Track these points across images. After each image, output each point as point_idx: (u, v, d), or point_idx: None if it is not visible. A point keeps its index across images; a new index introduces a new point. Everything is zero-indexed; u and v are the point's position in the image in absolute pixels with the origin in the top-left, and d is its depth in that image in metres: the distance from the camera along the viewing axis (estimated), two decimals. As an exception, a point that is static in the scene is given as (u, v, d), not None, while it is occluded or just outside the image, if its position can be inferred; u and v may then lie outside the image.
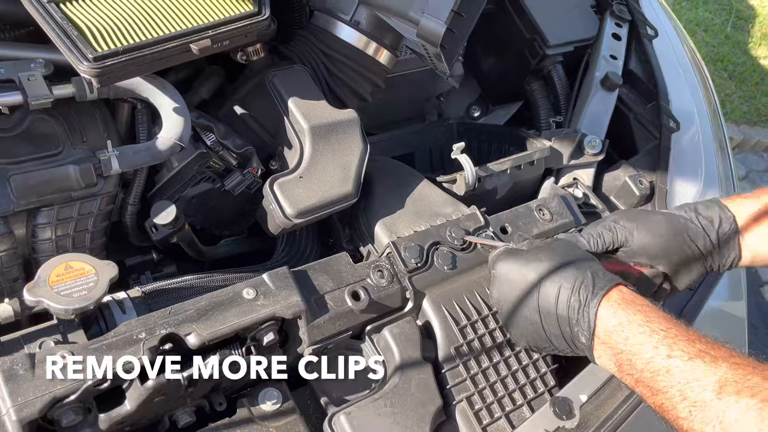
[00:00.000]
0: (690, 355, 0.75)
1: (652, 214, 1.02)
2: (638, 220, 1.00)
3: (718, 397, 0.70)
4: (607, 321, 0.83)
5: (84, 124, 0.96)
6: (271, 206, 0.99)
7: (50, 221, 0.92)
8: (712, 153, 1.45)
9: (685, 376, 0.74)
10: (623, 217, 1.02)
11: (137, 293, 0.93)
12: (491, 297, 0.98)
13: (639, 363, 0.79)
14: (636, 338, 0.80)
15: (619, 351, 0.81)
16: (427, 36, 1.01)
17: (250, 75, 1.13)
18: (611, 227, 1.01)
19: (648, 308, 0.83)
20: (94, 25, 0.89)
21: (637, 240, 0.99)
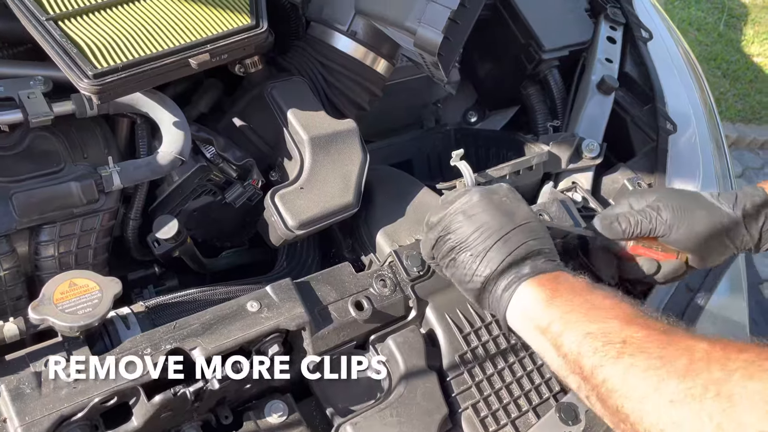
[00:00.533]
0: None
1: (696, 209, 0.99)
2: (681, 217, 0.98)
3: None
4: (521, 304, 0.84)
5: (84, 141, 0.96)
6: (272, 218, 1.00)
7: (53, 238, 0.92)
8: (709, 153, 1.46)
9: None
10: (666, 209, 0.98)
11: (141, 308, 0.93)
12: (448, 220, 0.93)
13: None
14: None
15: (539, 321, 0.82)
16: (424, 45, 1.01)
17: (248, 87, 1.14)
18: (651, 218, 0.99)
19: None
20: (92, 41, 0.89)
21: (675, 235, 0.98)
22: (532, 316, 0.82)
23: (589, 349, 0.74)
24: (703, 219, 0.97)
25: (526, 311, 0.83)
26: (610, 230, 1.01)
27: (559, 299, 0.81)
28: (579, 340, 0.75)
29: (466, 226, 0.89)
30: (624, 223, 1.00)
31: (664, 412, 0.64)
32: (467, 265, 0.88)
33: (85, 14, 0.93)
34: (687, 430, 0.62)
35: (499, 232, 0.87)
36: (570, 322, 0.78)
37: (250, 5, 1.00)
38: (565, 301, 0.80)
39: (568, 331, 0.77)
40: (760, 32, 4.65)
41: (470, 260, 0.87)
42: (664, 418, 0.64)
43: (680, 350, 0.67)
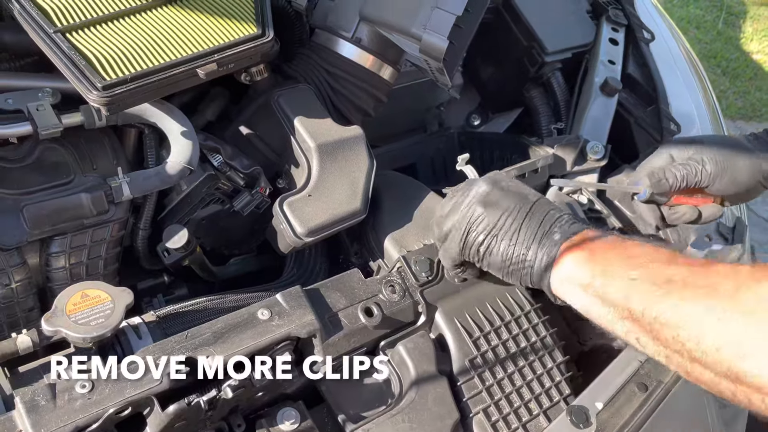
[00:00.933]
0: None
1: (737, 158, 1.04)
2: (724, 168, 1.03)
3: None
4: (563, 269, 0.86)
5: (93, 152, 0.97)
6: (281, 225, 1.00)
7: (64, 249, 0.92)
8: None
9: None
10: (710, 161, 1.04)
11: (152, 318, 0.93)
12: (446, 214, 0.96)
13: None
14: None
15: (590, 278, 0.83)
16: (429, 51, 1.02)
17: (254, 96, 1.14)
18: (696, 171, 1.04)
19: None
20: (100, 53, 0.90)
21: (718, 185, 1.04)
22: (574, 277, 0.84)
23: (635, 293, 0.76)
24: (744, 168, 1.04)
25: (568, 274, 0.85)
26: (658, 186, 1.05)
27: (597, 255, 0.83)
28: (624, 287, 0.77)
29: (490, 215, 0.91)
30: (671, 178, 1.04)
31: (720, 331, 0.65)
32: (504, 250, 0.90)
33: (93, 26, 0.93)
34: (746, 344, 0.63)
35: (522, 211, 0.90)
36: (612, 274, 0.80)
37: (255, 14, 1.01)
38: (603, 257, 0.83)
39: (611, 281, 0.80)
40: (759, 29, 4.66)
41: (505, 245, 0.90)
42: (722, 337, 0.65)
43: (724, 276, 0.69)
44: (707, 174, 1.03)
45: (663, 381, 1.03)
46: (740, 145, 1.06)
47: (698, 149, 1.06)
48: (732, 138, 1.09)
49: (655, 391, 1.01)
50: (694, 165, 1.04)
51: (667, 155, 1.09)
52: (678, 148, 1.09)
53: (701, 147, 1.06)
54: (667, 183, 1.05)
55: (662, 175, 1.05)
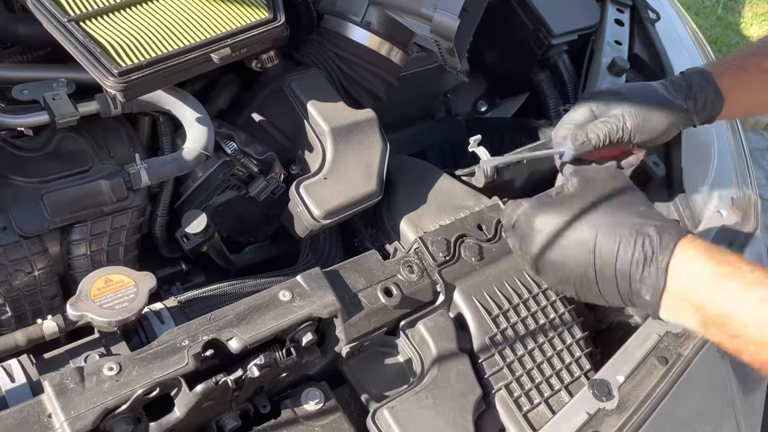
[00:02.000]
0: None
1: (655, 110, 1.04)
2: (643, 121, 1.03)
3: None
4: (681, 274, 0.80)
5: (110, 140, 0.97)
6: (298, 209, 1.00)
7: (84, 237, 0.93)
8: (723, 131, 1.46)
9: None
10: (630, 116, 1.03)
11: (173, 303, 0.94)
12: (528, 254, 0.90)
13: (731, 314, 0.77)
14: (717, 289, 0.78)
15: (701, 305, 0.79)
16: (440, 31, 1.02)
17: (265, 82, 1.14)
18: (617, 128, 1.03)
19: (718, 253, 0.81)
20: (115, 40, 0.90)
21: (637, 138, 1.04)
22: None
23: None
24: (661, 118, 1.05)
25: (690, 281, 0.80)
26: (581, 148, 1.04)
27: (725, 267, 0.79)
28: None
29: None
30: (594, 138, 1.03)
31: None
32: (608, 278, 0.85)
33: (106, 14, 0.94)
34: None
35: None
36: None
37: (266, 0, 1.01)
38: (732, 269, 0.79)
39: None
40: (758, 14, 4.65)
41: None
42: None
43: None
44: (627, 129, 1.03)
45: (683, 354, 1.03)
46: (657, 94, 1.07)
47: (618, 103, 1.05)
48: (649, 87, 1.09)
49: (675, 364, 1.01)
50: (615, 122, 1.03)
51: (587, 109, 1.07)
52: (597, 101, 1.07)
53: (620, 101, 1.05)
54: (590, 143, 1.03)
55: (584, 136, 1.03)
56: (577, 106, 1.09)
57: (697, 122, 1.09)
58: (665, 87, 1.08)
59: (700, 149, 1.41)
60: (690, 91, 1.08)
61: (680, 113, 1.06)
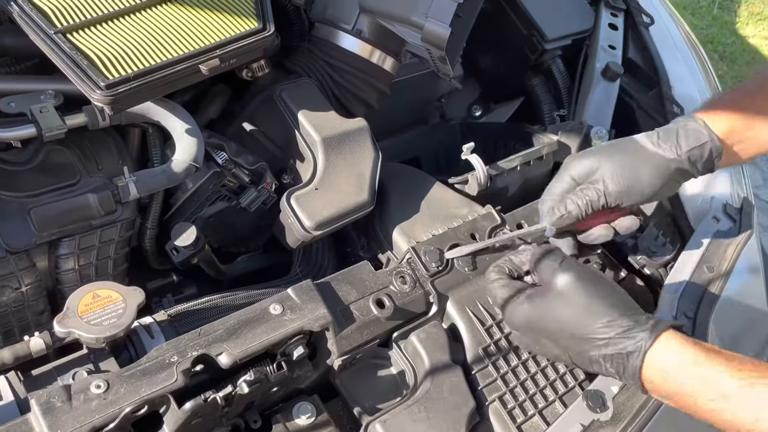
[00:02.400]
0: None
1: (640, 166, 0.96)
2: (628, 182, 0.95)
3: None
4: (657, 366, 0.81)
5: (98, 152, 0.96)
6: (289, 220, 1.00)
7: (72, 251, 0.92)
8: (717, 135, 1.45)
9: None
10: (610, 179, 0.96)
11: (163, 317, 0.93)
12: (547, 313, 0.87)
13: (700, 402, 0.78)
14: (691, 381, 0.79)
15: (672, 394, 0.81)
16: (432, 40, 1.01)
17: (256, 91, 1.14)
18: (599, 194, 0.96)
19: (697, 347, 0.81)
20: (102, 52, 0.89)
21: (626, 202, 0.97)
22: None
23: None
24: (651, 176, 0.95)
25: (666, 374, 0.81)
26: (560, 222, 0.98)
27: (701, 365, 0.79)
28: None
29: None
30: (574, 209, 0.96)
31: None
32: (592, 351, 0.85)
33: (93, 25, 0.93)
34: None
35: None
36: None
37: (256, 9, 1.00)
38: (708, 366, 0.79)
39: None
40: (754, 13, 4.65)
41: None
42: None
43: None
44: (610, 194, 0.95)
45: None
46: (644, 151, 0.97)
47: (597, 166, 0.97)
48: (633, 142, 0.99)
49: (670, 374, 1.01)
50: (595, 188, 0.95)
51: (567, 178, 0.99)
52: (577, 165, 0.99)
53: (600, 163, 0.97)
54: (570, 216, 0.96)
55: (563, 209, 0.96)
56: (557, 175, 1.02)
57: (696, 174, 0.98)
58: (652, 140, 0.98)
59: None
60: (681, 140, 0.97)
61: (674, 167, 0.96)
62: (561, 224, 0.98)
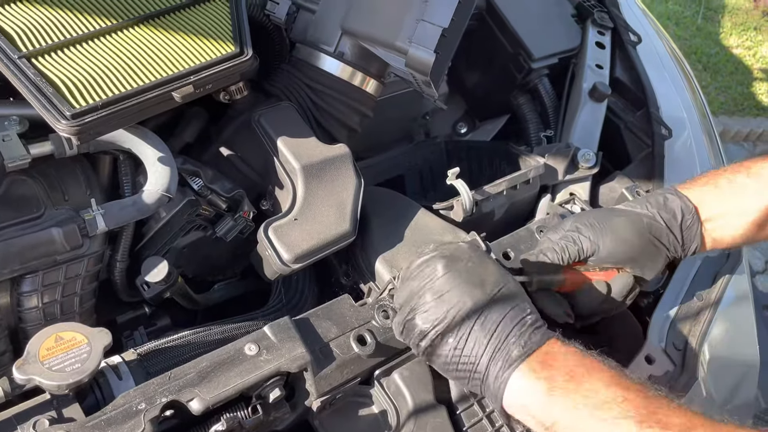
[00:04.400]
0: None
1: (613, 217, 0.98)
2: (602, 228, 0.95)
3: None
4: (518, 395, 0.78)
5: (65, 182, 0.91)
6: (266, 252, 0.96)
7: (36, 288, 0.87)
8: (705, 158, 1.44)
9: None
10: (585, 225, 0.96)
11: (132, 356, 0.88)
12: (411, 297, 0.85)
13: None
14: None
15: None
16: (416, 66, 0.98)
17: (234, 115, 1.09)
18: (575, 239, 0.96)
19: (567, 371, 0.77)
20: (69, 79, 0.85)
21: (604, 249, 0.95)
22: (534, 413, 0.77)
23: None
24: (624, 224, 0.96)
25: (526, 406, 0.78)
26: (539, 267, 0.96)
27: (558, 391, 0.75)
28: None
29: (435, 309, 0.81)
30: (550, 253, 0.96)
31: None
32: (449, 353, 0.81)
33: (61, 49, 0.88)
34: None
35: (474, 310, 0.80)
36: (576, 425, 0.74)
37: (233, 32, 0.96)
38: (565, 393, 0.75)
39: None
40: (737, 23, 4.68)
41: (451, 346, 0.81)
42: None
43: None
44: (586, 239, 0.95)
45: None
46: (615, 208, 1.01)
47: (573, 221, 0.99)
48: (605, 208, 1.06)
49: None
50: (570, 234, 0.96)
51: (545, 239, 1.01)
52: (554, 229, 1.02)
53: (575, 218, 0.99)
54: (547, 258, 0.96)
55: (539, 253, 0.97)
56: (540, 241, 1.04)
57: (672, 233, 0.97)
58: (625, 204, 1.03)
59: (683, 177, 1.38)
60: (651, 199, 1.00)
61: (646, 221, 0.96)
62: (539, 269, 0.96)
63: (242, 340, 0.86)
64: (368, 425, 0.92)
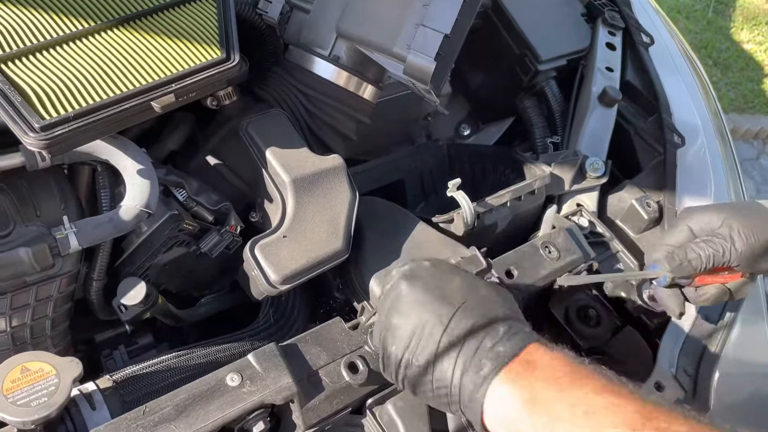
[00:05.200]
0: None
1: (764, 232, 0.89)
2: (756, 246, 0.88)
3: None
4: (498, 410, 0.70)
5: (37, 195, 0.85)
6: (253, 272, 0.90)
7: (3, 311, 0.81)
8: (720, 168, 1.37)
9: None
10: (739, 239, 0.88)
11: (108, 383, 0.83)
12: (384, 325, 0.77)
13: None
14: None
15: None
16: (415, 74, 0.91)
17: (222, 121, 1.03)
18: (724, 250, 0.89)
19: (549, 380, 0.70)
20: (39, 87, 0.78)
21: (746, 264, 0.89)
22: (516, 429, 0.69)
23: None
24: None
25: (507, 422, 0.70)
26: (680, 270, 0.90)
27: (540, 406, 0.68)
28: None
29: (402, 331, 0.75)
30: (695, 260, 0.89)
31: None
32: (419, 378, 0.74)
33: (32, 54, 0.82)
34: None
35: (439, 325, 0.73)
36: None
37: (219, 35, 0.89)
38: (548, 403, 0.68)
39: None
40: (749, 18, 4.58)
41: (419, 372, 0.73)
42: None
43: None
44: (736, 253, 0.88)
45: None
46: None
47: (725, 222, 0.90)
48: (762, 206, 0.93)
49: None
50: (722, 243, 0.89)
51: (686, 229, 0.93)
52: (699, 218, 0.93)
53: (728, 219, 0.90)
54: (690, 266, 0.89)
55: (683, 256, 0.89)
56: (674, 224, 0.96)
57: None
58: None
59: (696, 188, 1.32)
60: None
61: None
62: (679, 273, 0.90)
63: (224, 369, 0.80)
64: (360, 459, 0.86)
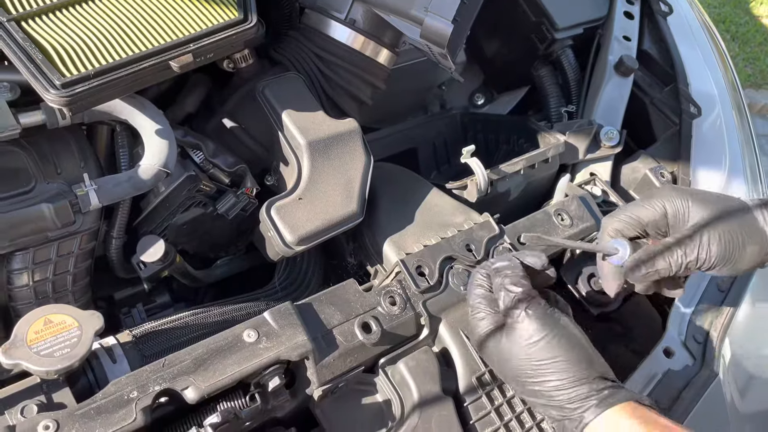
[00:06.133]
0: None
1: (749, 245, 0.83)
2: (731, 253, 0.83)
3: None
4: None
5: (58, 154, 0.86)
6: (269, 233, 0.91)
7: (26, 266, 0.83)
8: (735, 140, 1.36)
9: None
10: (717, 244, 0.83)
11: (128, 337, 0.85)
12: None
13: None
14: None
15: None
16: (432, 37, 0.91)
17: (238, 83, 1.03)
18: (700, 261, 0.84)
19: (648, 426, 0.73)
20: (60, 45, 0.79)
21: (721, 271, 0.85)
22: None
23: None
24: (753, 254, 0.83)
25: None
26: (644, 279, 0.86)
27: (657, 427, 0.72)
28: None
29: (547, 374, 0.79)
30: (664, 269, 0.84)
31: None
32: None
33: (52, 12, 0.83)
34: None
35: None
36: None
37: (237, -4, 0.90)
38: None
39: None
40: (769, -8, 4.49)
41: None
42: None
43: None
44: (710, 261, 0.83)
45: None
46: (752, 222, 0.84)
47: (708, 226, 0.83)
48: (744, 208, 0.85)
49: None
50: (698, 250, 0.83)
51: (660, 208, 0.87)
52: (678, 202, 0.86)
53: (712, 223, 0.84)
54: (657, 275, 0.84)
55: (651, 266, 0.84)
56: (650, 196, 0.89)
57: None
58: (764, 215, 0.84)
59: (711, 159, 1.32)
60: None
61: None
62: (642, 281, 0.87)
63: (241, 326, 0.82)
64: (371, 414, 0.88)
